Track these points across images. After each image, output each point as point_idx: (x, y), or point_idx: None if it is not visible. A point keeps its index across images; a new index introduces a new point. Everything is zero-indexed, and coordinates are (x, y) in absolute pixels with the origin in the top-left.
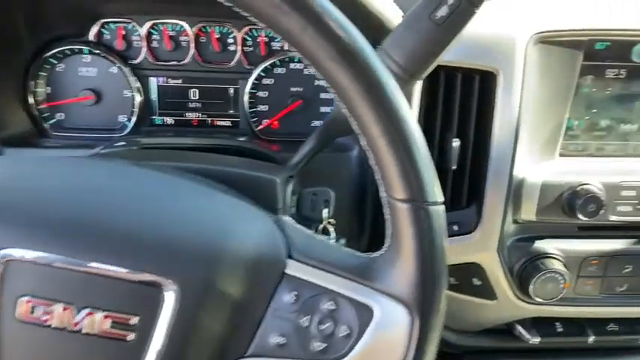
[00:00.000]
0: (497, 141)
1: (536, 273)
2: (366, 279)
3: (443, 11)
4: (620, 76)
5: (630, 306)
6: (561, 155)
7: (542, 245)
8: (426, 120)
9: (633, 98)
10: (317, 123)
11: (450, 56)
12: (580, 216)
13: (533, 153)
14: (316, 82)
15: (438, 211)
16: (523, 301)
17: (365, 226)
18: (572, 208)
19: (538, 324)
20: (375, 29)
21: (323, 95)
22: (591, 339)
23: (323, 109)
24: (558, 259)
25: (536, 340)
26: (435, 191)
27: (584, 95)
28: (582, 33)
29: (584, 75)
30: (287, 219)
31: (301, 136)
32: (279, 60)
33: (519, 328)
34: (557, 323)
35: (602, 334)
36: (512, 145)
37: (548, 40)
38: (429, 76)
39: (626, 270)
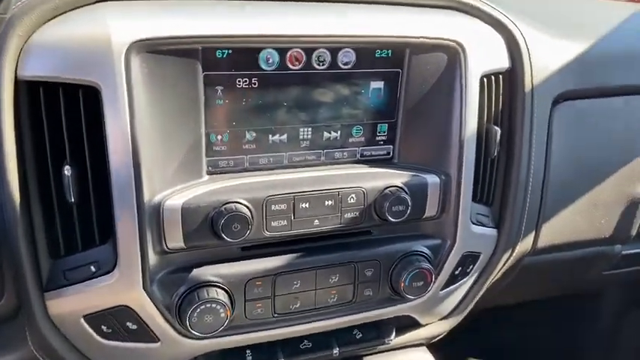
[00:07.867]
0: (115, 166)
1: (190, 306)
2: None
3: None
4: (254, 86)
5: (308, 322)
6: (210, 174)
7: (200, 273)
8: (37, 147)
9: (274, 108)
10: None
11: (46, 69)
12: (225, 237)
13: (173, 174)
14: None
15: None
16: (190, 338)
17: None
18: (216, 230)
19: (226, 355)
20: None
21: None
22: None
23: None
24: (218, 286)
25: None
26: None
27: (218, 108)
28: (193, 40)
29: (211, 86)
30: None
31: None
32: None
33: None
34: (248, 351)
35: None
36: (133, 169)
37: (155, 49)
38: (30, 94)
39: (295, 286)
